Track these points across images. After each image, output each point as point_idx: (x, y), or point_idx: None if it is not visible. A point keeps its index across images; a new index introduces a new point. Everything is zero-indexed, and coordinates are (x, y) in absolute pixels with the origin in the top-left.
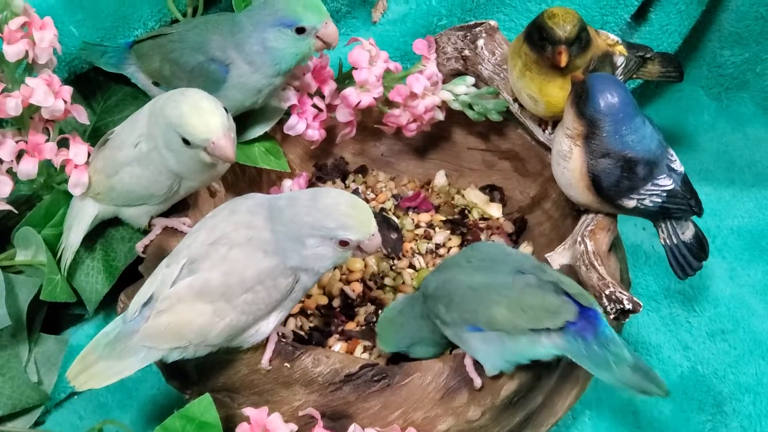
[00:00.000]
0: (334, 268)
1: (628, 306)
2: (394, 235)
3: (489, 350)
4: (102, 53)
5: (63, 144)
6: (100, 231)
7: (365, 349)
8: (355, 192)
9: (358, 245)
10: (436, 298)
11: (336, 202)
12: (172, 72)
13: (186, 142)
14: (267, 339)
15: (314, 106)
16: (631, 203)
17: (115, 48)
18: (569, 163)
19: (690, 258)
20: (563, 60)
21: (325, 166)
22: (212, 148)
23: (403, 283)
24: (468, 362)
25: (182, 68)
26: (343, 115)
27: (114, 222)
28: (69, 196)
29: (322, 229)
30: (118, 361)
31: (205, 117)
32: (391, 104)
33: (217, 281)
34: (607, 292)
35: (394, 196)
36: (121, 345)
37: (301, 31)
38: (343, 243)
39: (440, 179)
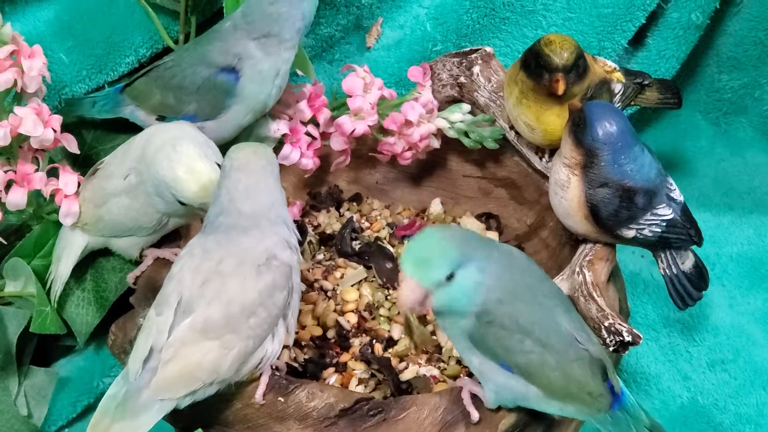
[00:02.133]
0: (329, 299)
1: (628, 338)
2: (389, 265)
3: (503, 387)
4: (92, 104)
5: (53, 173)
6: (91, 262)
7: (360, 381)
8: (350, 220)
9: None
10: (496, 318)
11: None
12: (177, 98)
13: (181, 201)
14: (261, 373)
15: (308, 134)
16: (630, 233)
17: (104, 95)
18: (567, 192)
19: (690, 288)
20: (560, 88)
21: (319, 194)
22: (208, 208)
23: (398, 313)
24: (465, 395)
25: (188, 90)
26: (337, 143)
27: (105, 253)
28: (59, 227)
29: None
30: (132, 420)
31: (201, 182)
32: (386, 132)
33: (219, 315)
34: (606, 324)
35: (389, 224)
36: (132, 403)
37: None
38: None
39: (436, 207)
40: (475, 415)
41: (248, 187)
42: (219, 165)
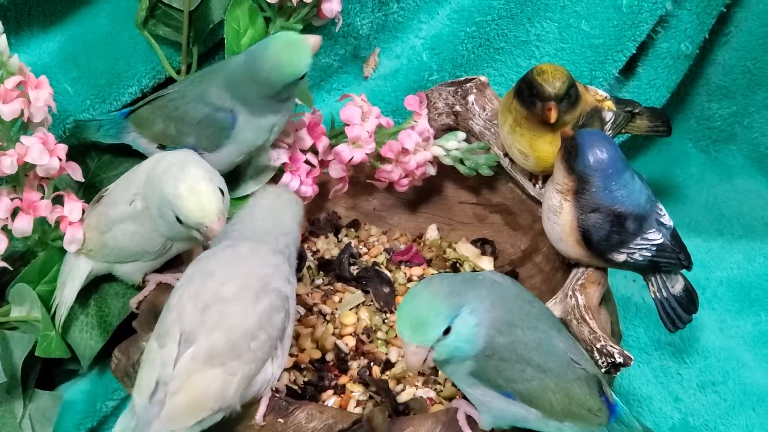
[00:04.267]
0: (327, 322)
1: (620, 360)
2: (386, 289)
3: (503, 412)
4: (98, 127)
5: (57, 201)
6: (94, 287)
7: (358, 403)
8: (348, 246)
9: None
10: (496, 352)
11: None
12: (178, 129)
13: (179, 220)
14: (261, 395)
15: (307, 162)
16: (621, 257)
17: (110, 120)
18: (559, 217)
19: (680, 311)
20: (553, 116)
21: (318, 221)
22: (205, 231)
23: (396, 336)
24: (461, 417)
25: (188, 123)
26: (335, 171)
27: (108, 278)
28: (63, 253)
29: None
30: None
31: (201, 201)
32: (383, 159)
33: (221, 342)
34: (598, 346)
35: (386, 250)
36: None
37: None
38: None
39: (432, 233)
40: None
41: (271, 209)
42: (222, 191)
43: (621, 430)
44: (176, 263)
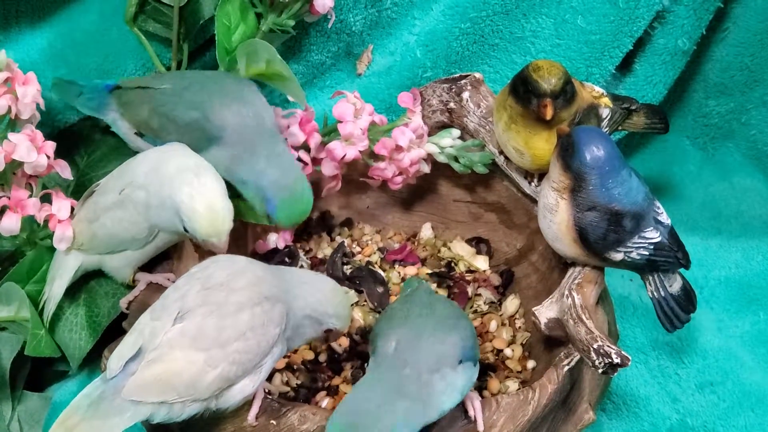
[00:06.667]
0: None
1: (617, 360)
2: (380, 289)
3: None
4: (78, 93)
5: (46, 199)
6: (84, 287)
7: None
8: (341, 245)
9: (329, 333)
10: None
11: (335, 290)
12: (161, 125)
13: (186, 229)
14: (254, 395)
15: (299, 159)
16: (618, 256)
17: (92, 88)
18: (556, 216)
19: (678, 311)
20: (549, 113)
21: (311, 220)
22: (210, 244)
23: None
24: (468, 406)
25: (174, 122)
26: (328, 168)
27: (98, 277)
28: (52, 252)
29: (321, 314)
30: (102, 421)
31: (216, 221)
32: (376, 157)
33: (211, 326)
34: (595, 346)
35: (380, 249)
36: (105, 404)
37: None
38: (327, 330)
39: (426, 232)
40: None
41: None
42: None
43: None
44: (166, 263)
